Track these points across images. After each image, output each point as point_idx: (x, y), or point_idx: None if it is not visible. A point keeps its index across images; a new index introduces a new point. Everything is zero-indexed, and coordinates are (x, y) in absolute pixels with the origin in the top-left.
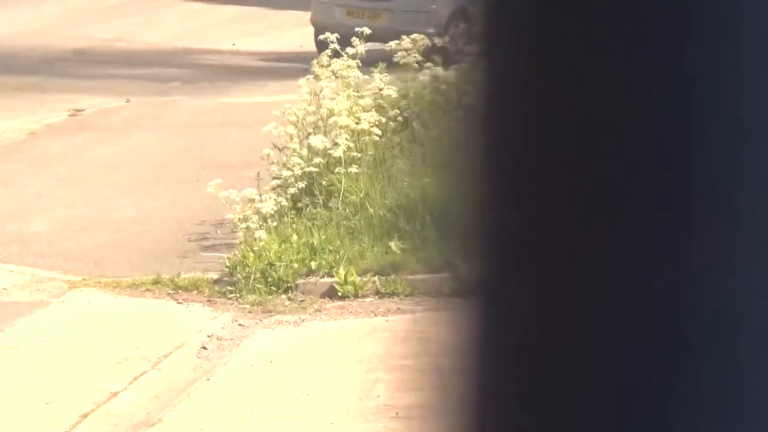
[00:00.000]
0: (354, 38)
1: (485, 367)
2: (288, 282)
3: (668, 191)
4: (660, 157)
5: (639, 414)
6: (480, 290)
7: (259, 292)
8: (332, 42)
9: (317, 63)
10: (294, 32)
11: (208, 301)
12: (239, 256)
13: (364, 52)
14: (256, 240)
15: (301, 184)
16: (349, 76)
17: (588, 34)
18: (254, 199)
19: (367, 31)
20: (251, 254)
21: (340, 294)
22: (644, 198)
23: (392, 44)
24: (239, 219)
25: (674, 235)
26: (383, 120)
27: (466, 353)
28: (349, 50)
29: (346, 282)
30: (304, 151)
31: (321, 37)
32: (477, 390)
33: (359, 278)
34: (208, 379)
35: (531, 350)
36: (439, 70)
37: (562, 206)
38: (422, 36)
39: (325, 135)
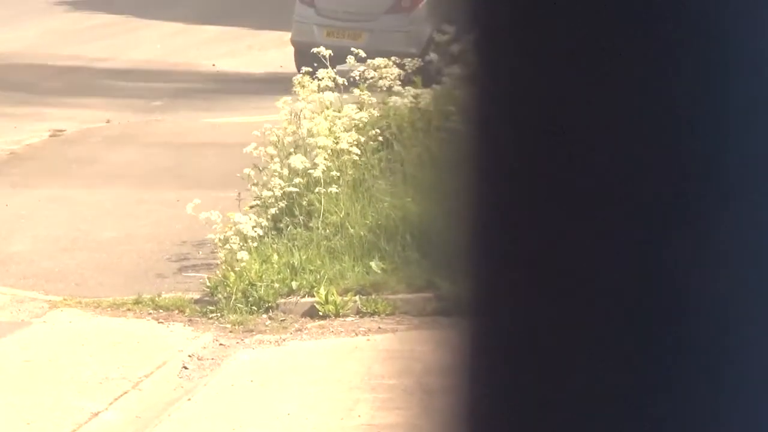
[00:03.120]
0: (348, 56)
1: (467, 385)
2: (269, 302)
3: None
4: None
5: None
6: (461, 309)
7: (240, 312)
8: (323, 58)
9: (297, 83)
10: (274, 52)
11: (189, 320)
12: (220, 276)
13: (348, 71)
14: (237, 260)
15: (282, 204)
16: (324, 98)
17: (575, 56)
18: (237, 222)
19: (362, 54)
20: (232, 274)
21: (320, 313)
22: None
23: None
24: (220, 239)
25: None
26: (362, 139)
27: (448, 372)
28: (324, 71)
29: (326, 301)
30: (285, 171)
31: (315, 50)
32: (459, 409)
33: (340, 298)
34: (189, 399)
35: (514, 368)
36: (414, 91)
37: (546, 224)
38: (391, 63)
39: (305, 155)
